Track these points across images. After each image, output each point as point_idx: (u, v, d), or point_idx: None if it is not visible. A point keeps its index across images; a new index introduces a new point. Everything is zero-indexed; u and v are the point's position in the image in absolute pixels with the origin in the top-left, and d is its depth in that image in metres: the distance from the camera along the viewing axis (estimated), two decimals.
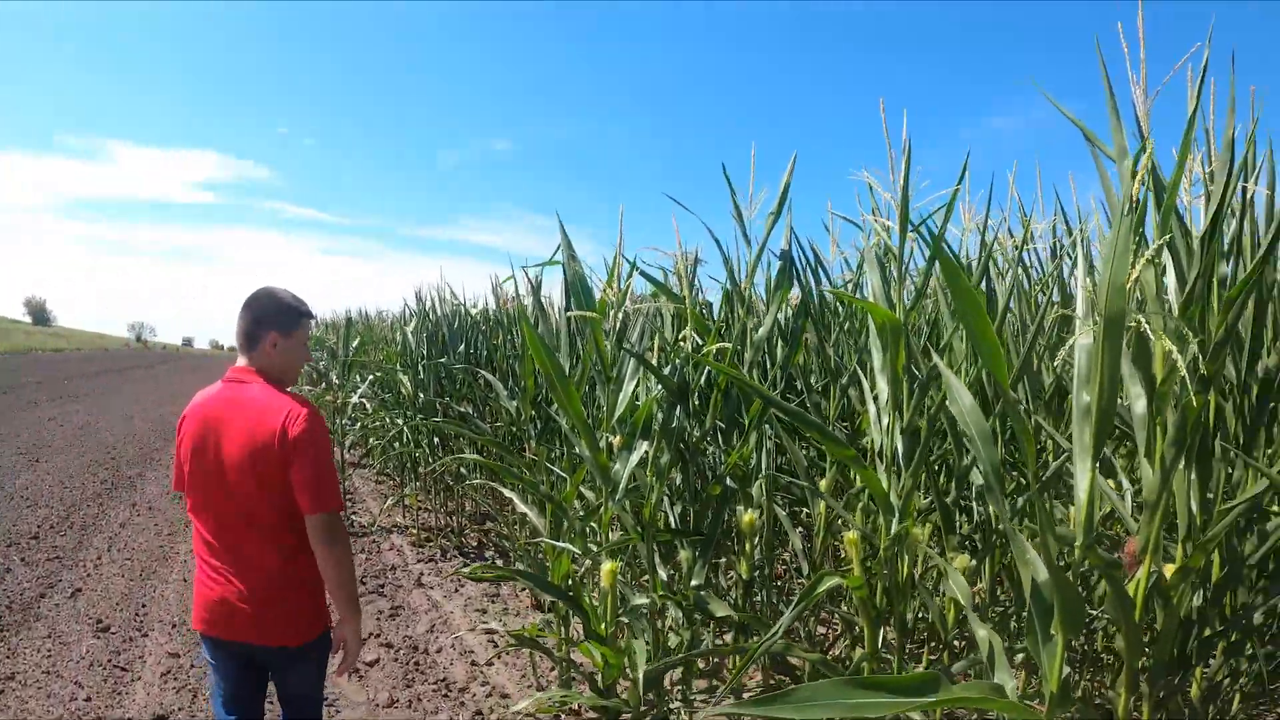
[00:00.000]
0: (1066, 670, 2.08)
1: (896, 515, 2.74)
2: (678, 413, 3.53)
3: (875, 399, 2.83)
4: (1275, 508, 3.22)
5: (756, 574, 3.78)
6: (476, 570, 4.05)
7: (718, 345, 3.48)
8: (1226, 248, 2.66)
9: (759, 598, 4.23)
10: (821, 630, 5.43)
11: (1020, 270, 3.90)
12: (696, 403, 3.71)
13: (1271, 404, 3.20)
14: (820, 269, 4.12)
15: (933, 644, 3.64)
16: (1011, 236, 3.90)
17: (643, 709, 3.76)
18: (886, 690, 1.65)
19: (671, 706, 4.07)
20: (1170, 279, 2.49)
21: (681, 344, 3.63)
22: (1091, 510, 1.91)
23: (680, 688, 4.14)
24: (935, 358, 2.34)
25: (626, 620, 3.86)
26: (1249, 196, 2.83)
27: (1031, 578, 2.00)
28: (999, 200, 7.18)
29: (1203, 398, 2.15)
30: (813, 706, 1.62)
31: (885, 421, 2.77)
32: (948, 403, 2.16)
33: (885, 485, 2.73)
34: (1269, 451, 3.05)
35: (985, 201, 3.39)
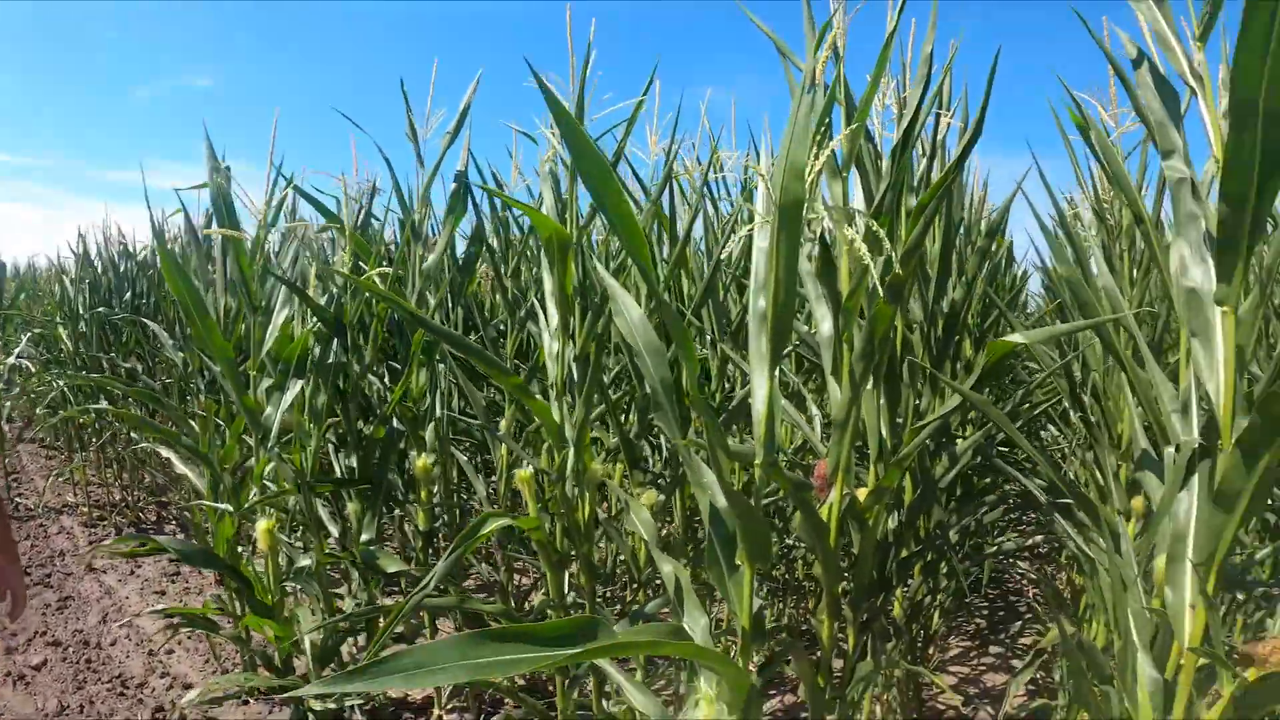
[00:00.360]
0: (759, 602, 1.90)
1: (572, 449, 2.50)
2: (335, 347, 3.14)
3: (548, 326, 2.58)
4: (965, 433, 3.24)
5: (439, 525, 3.45)
6: (117, 544, 3.55)
7: (379, 270, 3.11)
8: (917, 182, 2.61)
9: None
10: (524, 580, 5.20)
11: (711, 205, 3.76)
12: (361, 338, 3.32)
13: (957, 338, 3.23)
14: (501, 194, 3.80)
15: (634, 586, 3.48)
16: (700, 164, 3.72)
17: None
18: (527, 642, 1.30)
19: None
20: (858, 199, 2.39)
21: (340, 271, 3.22)
22: (772, 423, 1.69)
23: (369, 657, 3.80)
24: (603, 273, 2.07)
25: (299, 586, 3.49)
26: (940, 137, 2.80)
27: (710, 503, 1.79)
28: (689, 128, 7.06)
29: (892, 307, 2.02)
30: (428, 672, 1.24)
31: (556, 348, 2.51)
32: (614, 317, 1.90)
33: (558, 417, 2.48)
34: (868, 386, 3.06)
35: (672, 126, 3.16)
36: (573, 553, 2.62)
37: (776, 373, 1.70)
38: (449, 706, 3.90)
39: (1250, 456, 1.35)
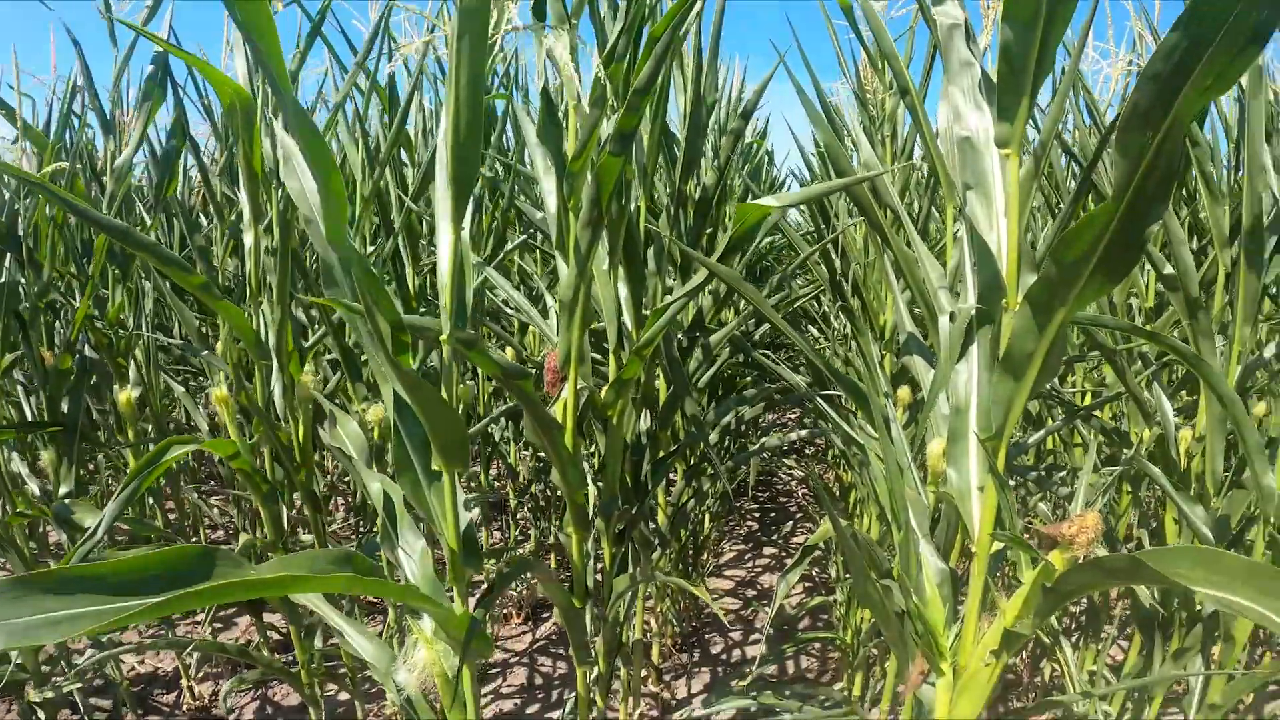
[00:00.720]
0: (468, 516, 1.53)
1: (274, 359, 2.04)
2: (9, 263, 2.55)
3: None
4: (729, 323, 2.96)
5: None
6: None
7: (55, 166, 2.53)
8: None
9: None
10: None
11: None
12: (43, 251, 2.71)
13: (711, 230, 2.95)
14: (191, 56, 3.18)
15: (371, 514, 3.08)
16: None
17: (44, 670, 2.84)
18: (97, 590, 0.87)
19: (78, 663, 3.16)
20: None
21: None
22: (460, 288, 1.29)
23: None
24: (280, 131, 1.60)
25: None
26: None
27: (395, 395, 1.39)
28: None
29: (619, 159, 1.66)
30: None
31: (250, 241, 2.04)
32: (284, 180, 1.46)
33: (255, 323, 2.02)
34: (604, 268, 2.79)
35: None
36: (288, 483, 2.18)
37: (466, 224, 1.31)
38: (199, 675, 3.39)
39: (1043, 313, 1.08)
